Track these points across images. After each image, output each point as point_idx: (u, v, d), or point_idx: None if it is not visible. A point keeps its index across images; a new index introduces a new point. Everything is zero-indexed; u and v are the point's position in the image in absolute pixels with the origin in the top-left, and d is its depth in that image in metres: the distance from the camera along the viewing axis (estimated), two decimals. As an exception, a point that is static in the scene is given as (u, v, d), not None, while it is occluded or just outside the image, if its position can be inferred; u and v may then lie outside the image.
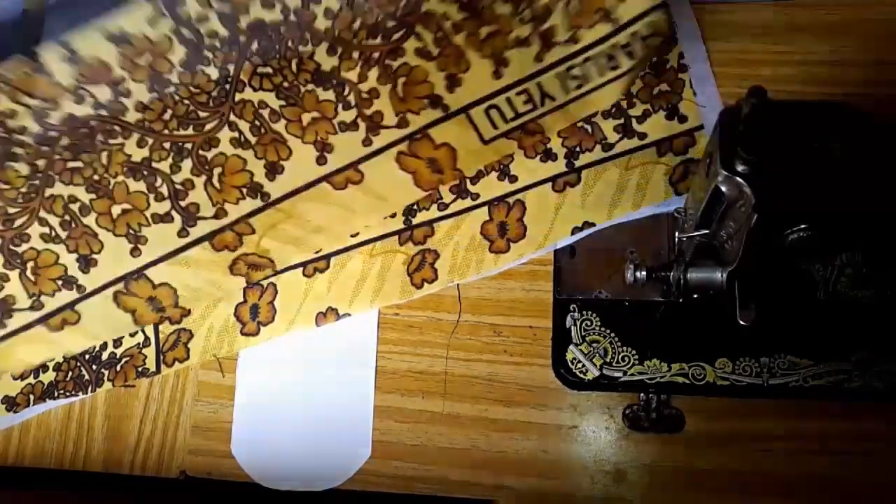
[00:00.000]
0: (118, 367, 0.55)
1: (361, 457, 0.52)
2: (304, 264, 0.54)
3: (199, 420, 0.55)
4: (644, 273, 0.47)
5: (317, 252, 0.49)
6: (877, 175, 0.37)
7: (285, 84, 0.47)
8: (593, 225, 0.52)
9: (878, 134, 0.37)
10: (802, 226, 0.38)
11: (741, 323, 0.41)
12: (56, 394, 0.56)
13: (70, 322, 0.49)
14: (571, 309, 0.52)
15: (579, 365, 0.51)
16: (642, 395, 0.50)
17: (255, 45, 0.46)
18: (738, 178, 0.36)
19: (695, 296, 0.48)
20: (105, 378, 0.55)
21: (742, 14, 0.57)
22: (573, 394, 0.51)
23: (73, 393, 0.56)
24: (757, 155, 0.36)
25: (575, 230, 0.52)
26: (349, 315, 0.54)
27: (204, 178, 0.47)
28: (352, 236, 0.50)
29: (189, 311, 0.50)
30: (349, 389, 0.54)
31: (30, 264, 0.49)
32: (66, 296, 0.49)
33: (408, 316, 0.55)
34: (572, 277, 0.53)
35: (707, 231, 0.43)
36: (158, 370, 0.55)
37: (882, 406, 0.48)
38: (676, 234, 0.49)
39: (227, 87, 0.47)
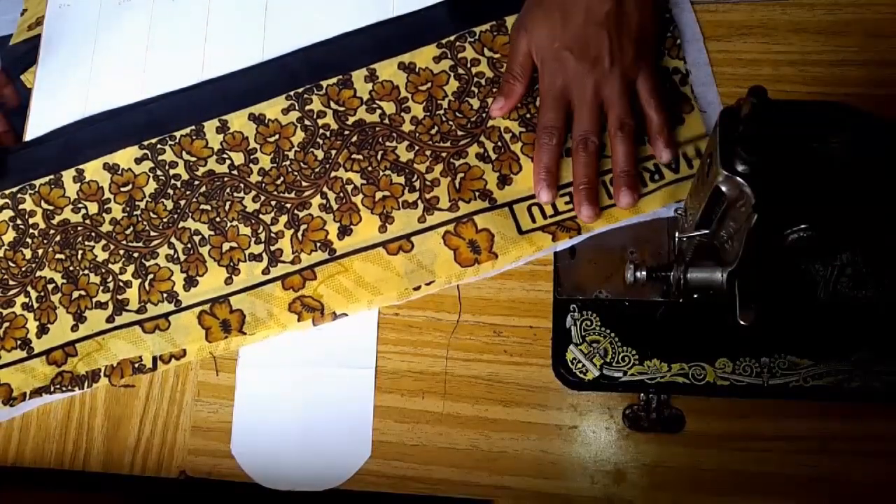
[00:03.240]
0: (115, 364, 0.56)
1: (361, 457, 0.52)
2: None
3: (199, 420, 0.55)
4: (644, 273, 0.47)
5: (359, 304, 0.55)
6: (877, 175, 0.37)
7: (370, 168, 0.57)
8: (591, 229, 0.53)
9: (878, 134, 0.37)
10: (802, 226, 0.38)
11: (741, 323, 0.41)
12: (52, 388, 0.57)
13: (161, 328, 0.57)
14: (571, 309, 0.52)
15: (579, 365, 0.51)
16: (642, 395, 0.50)
17: (354, 138, 0.58)
18: (738, 178, 0.36)
19: (695, 296, 0.48)
20: (102, 374, 0.56)
21: (742, 14, 0.57)
22: (573, 394, 0.51)
23: (69, 388, 0.57)
24: (757, 155, 0.36)
25: (573, 234, 0.53)
26: (346, 315, 0.54)
27: (293, 230, 0.57)
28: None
29: (245, 335, 0.56)
30: (349, 390, 0.54)
31: (150, 276, 0.58)
32: (166, 307, 0.57)
33: (408, 316, 0.55)
34: (572, 277, 0.53)
35: (707, 231, 0.43)
36: (155, 367, 0.56)
37: (882, 406, 0.48)
38: (676, 234, 0.49)
39: (328, 165, 0.58)
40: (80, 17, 0.67)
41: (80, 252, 0.60)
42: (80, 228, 0.61)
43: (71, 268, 0.60)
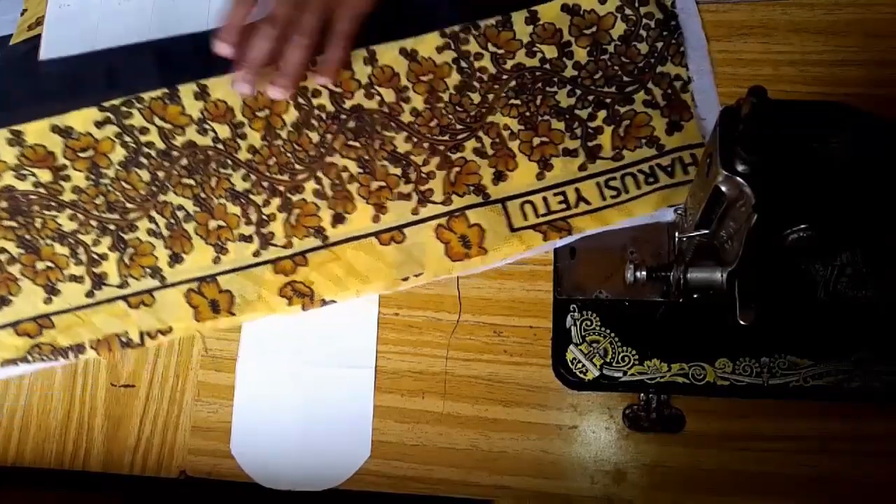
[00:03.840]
0: (100, 337, 0.56)
1: (361, 457, 0.52)
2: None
3: (199, 420, 0.55)
4: (644, 273, 0.47)
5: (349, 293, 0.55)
6: (877, 175, 0.37)
7: (366, 157, 0.57)
8: (582, 230, 0.53)
9: (878, 134, 0.37)
10: (802, 226, 0.38)
11: (741, 323, 0.41)
12: (31, 359, 0.56)
13: (146, 304, 0.56)
14: (571, 309, 0.52)
15: (579, 365, 0.51)
16: (642, 395, 0.50)
17: (351, 124, 0.57)
18: (738, 178, 0.36)
19: (695, 296, 0.48)
20: (87, 346, 0.56)
21: (742, 14, 0.57)
22: (573, 394, 0.51)
23: (51, 358, 0.56)
24: (757, 155, 0.36)
25: (564, 234, 0.53)
26: (335, 302, 0.55)
27: (285, 214, 0.56)
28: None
29: (234, 315, 0.55)
30: (348, 389, 0.54)
31: (130, 251, 0.57)
32: (150, 283, 0.56)
33: (408, 316, 0.55)
34: (572, 277, 0.53)
35: (707, 231, 0.43)
36: (142, 342, 0.56)
37: (882, 406, 0.48)
38: (676, 234, 0.49)
39: (323, 150, 0.57)
40: (80, 16, 0.67)
41: (40, 221, 0.58)
42: (32, 196, 0.58)
43: (28, 237, 0.58)
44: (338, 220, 0.56)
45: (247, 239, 0.56)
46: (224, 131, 0.58)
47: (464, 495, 0.51)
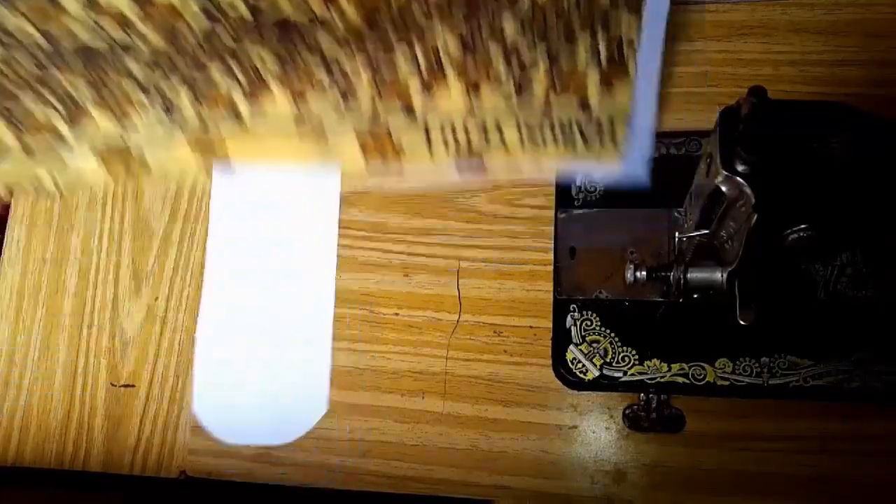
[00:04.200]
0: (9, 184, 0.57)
1: (317, 413, 0.53)
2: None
3: (199, 420, 0.55)
4: (644, 273, 0.47)
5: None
6: (877, 175, 0.37)
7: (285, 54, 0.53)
8: (491, 167, 0.53)
9: (878, 134, 0.37)
10: (802, 226, 0.38)
11: (741, 323, 0.41)
12: None
13: (55, 164, 0.56)
14: (571, 309, 0.52)
15: (579, 365, 0.51)
16: (642, 395, 0.50)
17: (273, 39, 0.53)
18: (738, 178, 0.36)
19: (695, 296, 0.48)
20: None
21: (742, 14, 0.57)
22: (573, 394, 0.51)
23: None
24: (757, 155, 0.36)
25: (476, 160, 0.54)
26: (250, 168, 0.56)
27: (197, 109, 0.54)
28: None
29: (148, 169, 0.56)
30: (304, 351, 0.55)
31: (25, 123, 0.56)
32: (55, 149, 0.56)
33: (408, 316, 0.55)
34: (572, 277, 0.53)
35: (707, 231, 0.43)
36: (57, 189, 0.57)
37: (882, 406, 0.48)
38: (676, 234, 0.49)
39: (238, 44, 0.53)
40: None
41: None
42: None
43: None
44: (255, 109, 0.55)
45: (154, 118, 0.55)
46: (118, 32, 0.54)
47: (464, 495, 0.51)
